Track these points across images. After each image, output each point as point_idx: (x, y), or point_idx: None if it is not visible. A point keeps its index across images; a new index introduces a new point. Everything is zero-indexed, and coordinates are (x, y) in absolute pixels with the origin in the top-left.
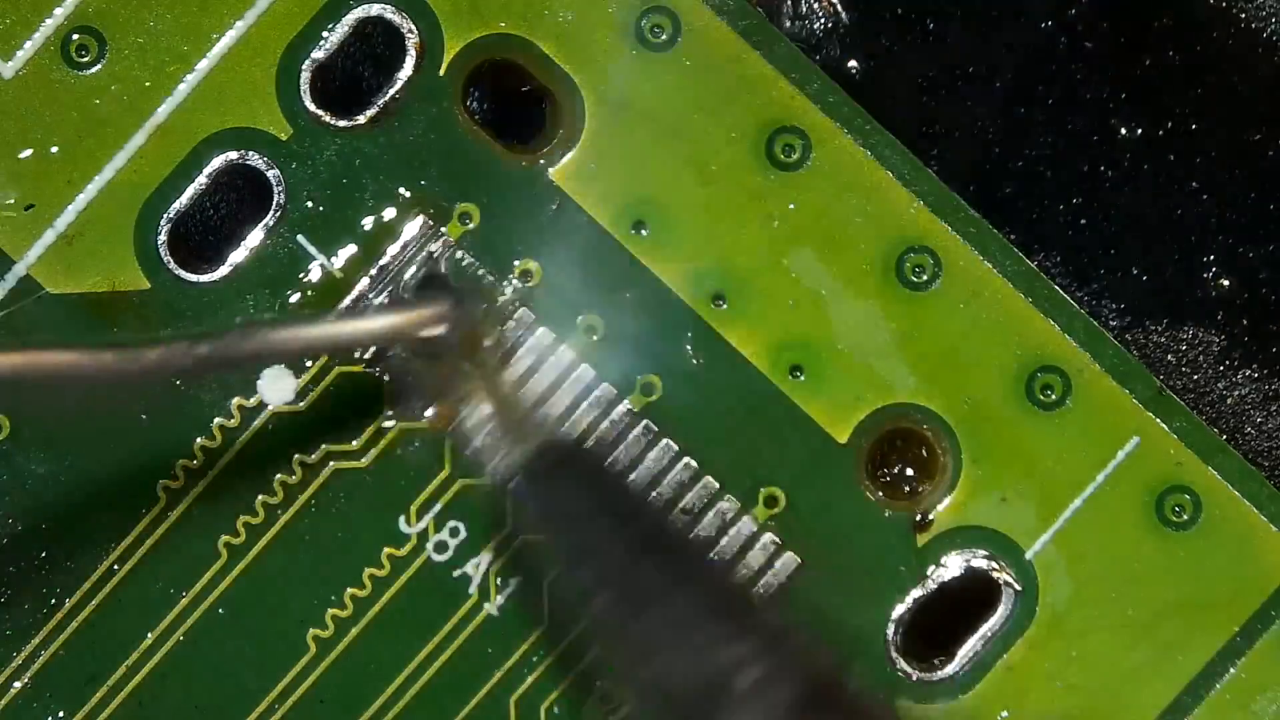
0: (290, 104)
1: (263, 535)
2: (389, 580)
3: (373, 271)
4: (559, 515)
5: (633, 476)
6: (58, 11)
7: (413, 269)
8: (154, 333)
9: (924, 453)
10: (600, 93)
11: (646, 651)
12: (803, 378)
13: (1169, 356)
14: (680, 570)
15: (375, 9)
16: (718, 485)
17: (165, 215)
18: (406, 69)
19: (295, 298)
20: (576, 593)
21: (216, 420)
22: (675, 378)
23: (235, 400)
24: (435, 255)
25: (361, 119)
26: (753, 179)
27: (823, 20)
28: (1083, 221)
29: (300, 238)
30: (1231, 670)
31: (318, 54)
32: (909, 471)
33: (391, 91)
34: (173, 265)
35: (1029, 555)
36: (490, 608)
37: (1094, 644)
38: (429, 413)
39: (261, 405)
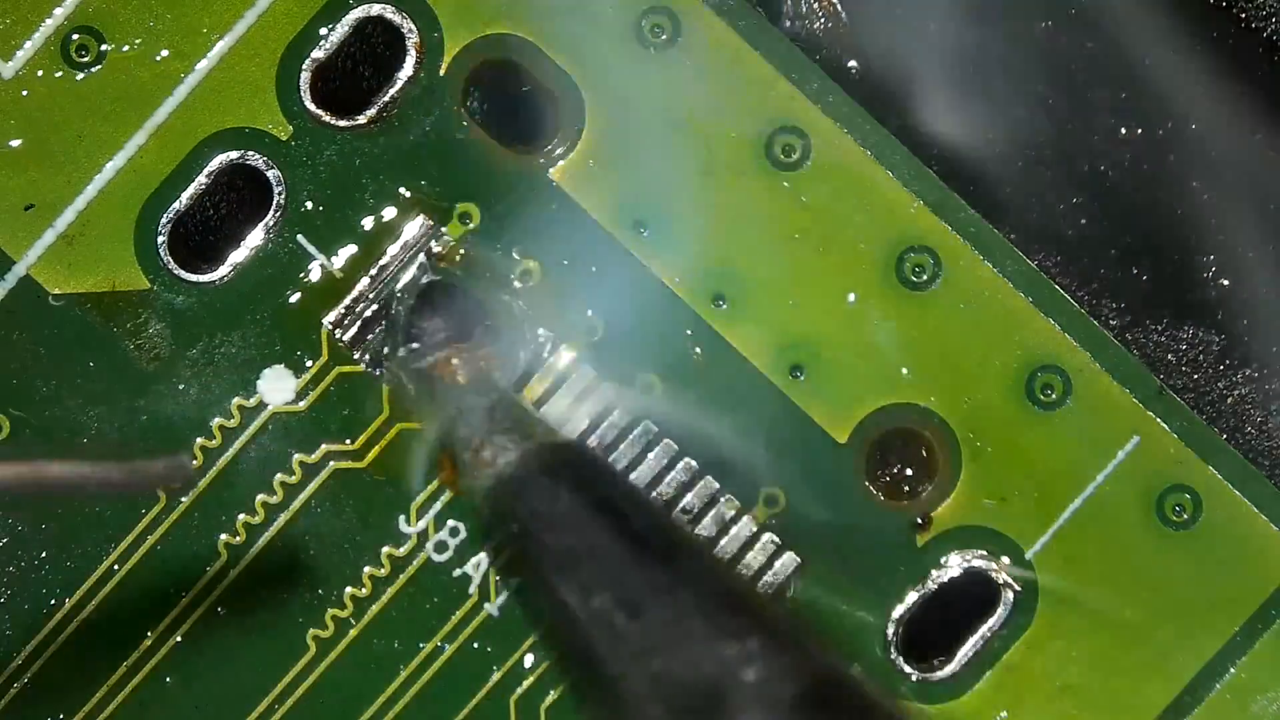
0: (290, 104)
1: (263, 535)
2: (389, 580)
3: (373, 271)
4: (554, 517)
5: (633, 476)
6: (58, 11)
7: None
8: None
9: (924, 453)
10: (600, 93)
11: (647, 651)
12: (803, 378)
13: (1169, 356)
14: (680, 568)
15: (375, 9)
16: (717, 485)
17: (165, 215)
18: (406, 69)
19: (295, 298)
20: (572, 598)
21: (216, 420)
22: (675, 378)
23: (235, 400)
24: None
25: (361, 119)
26: (753, 179)
27: (823, 20)
28: (1083, 221)
29: (300, 238)
30: (1231, 670)
31: (318, 54)
32: (909, 471)
33: (391, 91)
34: (173, 265)
35: (1029, 555)
36: (490, 608)
37: (1094, 644)
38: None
39: (261, 405)
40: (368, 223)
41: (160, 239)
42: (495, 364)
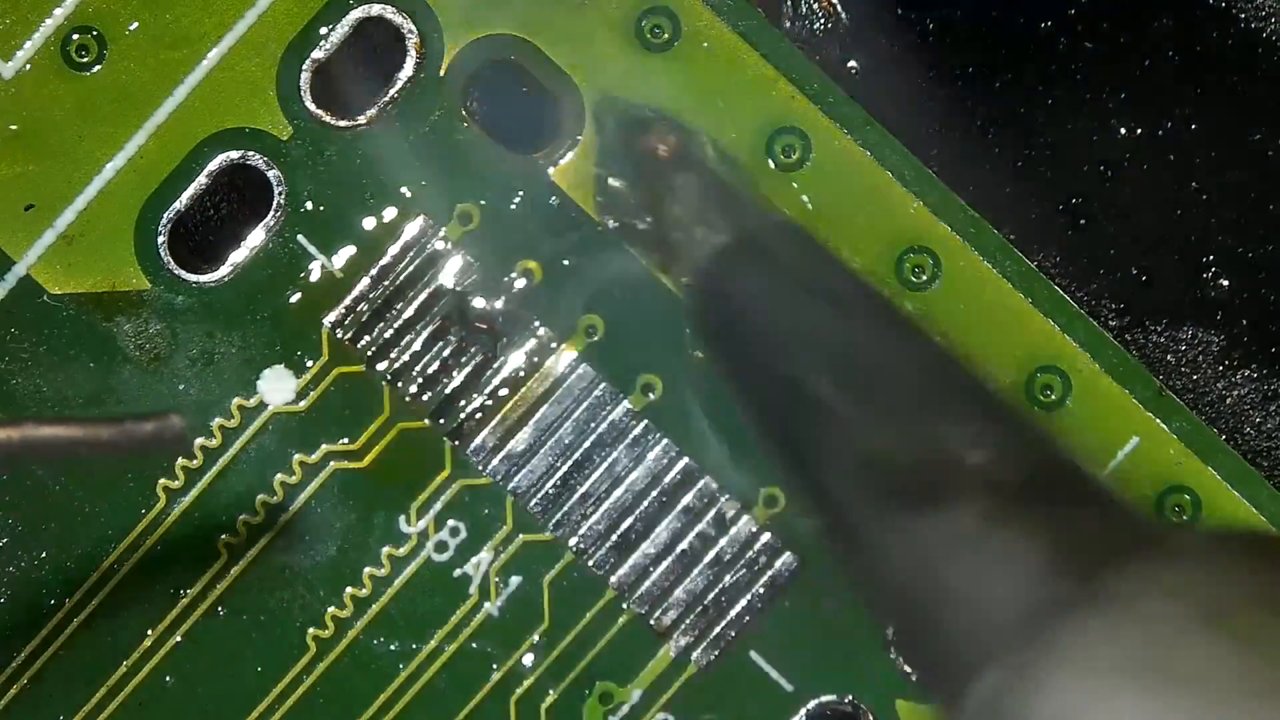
0: (290, 104)
1: (262, 535)
2: (389, 580)
3: (373, 271)
4: (772, 295)
5: (633, 476)
6: (58, 11)
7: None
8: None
9: None
10: (600, 92)
11: (869, 432)
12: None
13: (1169, 356)
14: (901, 348)
15: (375, 9)
16: (717, 485)
17: (165, 215)
18: (406, 69)
19: (295, 298)
20: (792, 375)
21: (216, 420)
22: (675, 378)
23: (235, 400)
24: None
25: (361, 119)
26: (752, 179)
27: (823, 20)
28: (1083, 221)
29: (300, 238)
30: None
31: (318, 54)
32: None
33: (392, 91)
34: (173, 265)
35: None
36: (490, 608)
37: None
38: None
39: (262, 405)
40: (368, 223)
41: (160, 239)
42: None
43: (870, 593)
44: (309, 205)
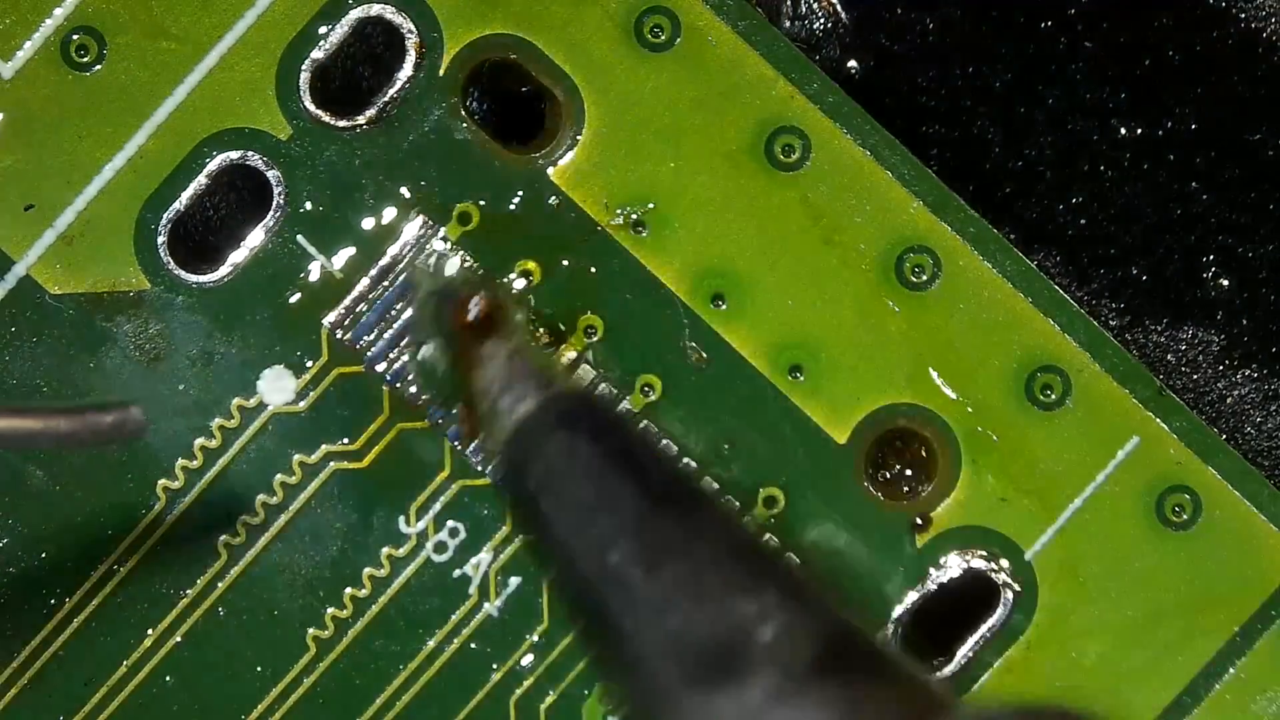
0: (290, 104)
1: (263, 535)
2: (389, 580)
3: (373, 271)
4: (570, 467)
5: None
6: (58, 11)
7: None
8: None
9: (923, 453)
10: (600, 93)
11: (662, 608)
12: (802, 378)
13: (1169, 356)
14: (695, 522)
15: (375, 9)
16: (717, 486)
17: (165, 215)
18: (406, 69)
19: (295, 298)
20: (587, 551)
21: (216, 420)
22: (675, 378)
23: (235, 400)
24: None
25: (361, 119)
26: (753, 179)
27: (823, 20)
28: (1083, 221)
29: (300, 238)
30: (1231, 670)
31: (318, 54)
32: (909, 471)
33: (391, 91)
34: (173, 265)
35: (1029, 555)
36: (490, 608)
37: (1094, 644)
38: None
39: (261, 405)
40: (368, 223)
41: (160, 239)
42: (513, 311)
43: None
44: (309, 205)
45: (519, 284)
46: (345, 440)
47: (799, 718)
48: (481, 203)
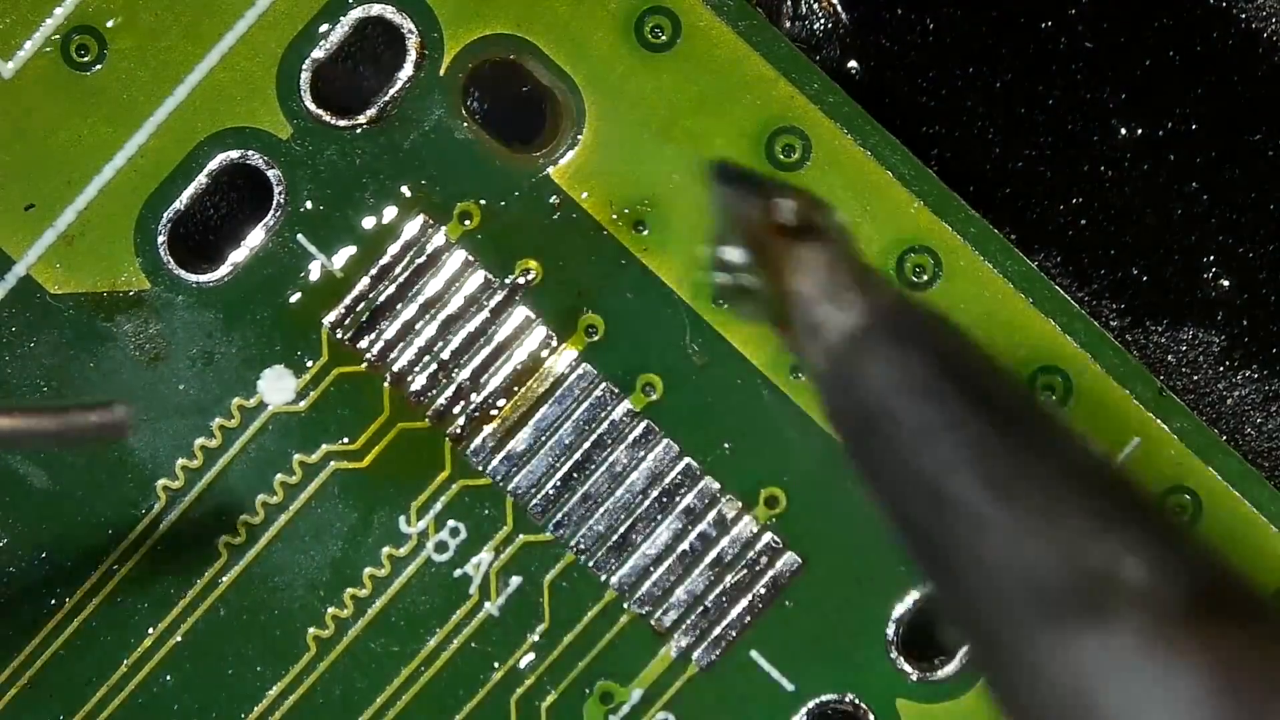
0: (290, 104)
1: (263, 535)
2: (389, 580)
3: (373, 271)
4: (901, 389)
5: (633, 476)
6: (58, 11)
7: None
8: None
9: None
10: (600, 93)
11: (1016, 538)
12: (803, 378)
13: (1169, 357)
14: (1046, 448)
15: (375, 9)
16: (718, 485)
17: (165, 215)
18: (406, 69)
19: (295, 298)
20: (930, 474)
21: (216, 420)
22: (675, 378)
23: (235, 400)
24: None
25: (361, 119)
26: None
27: (823, 20)
28: (1083, 221)
29: (300, 238)
30: None
31: (318, 54)
32: None
33: (392, 91)
34: (173, 265)
35: None
36: (490, 608)
37: None
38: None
39: (261, 405)
40: (368, 223)
41: (160, 239)
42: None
43: (1017, 714)
44: (309, 205)
45: (519, 283)
46: (345, 440)
47: (1174, 667)
48: (482, 202)
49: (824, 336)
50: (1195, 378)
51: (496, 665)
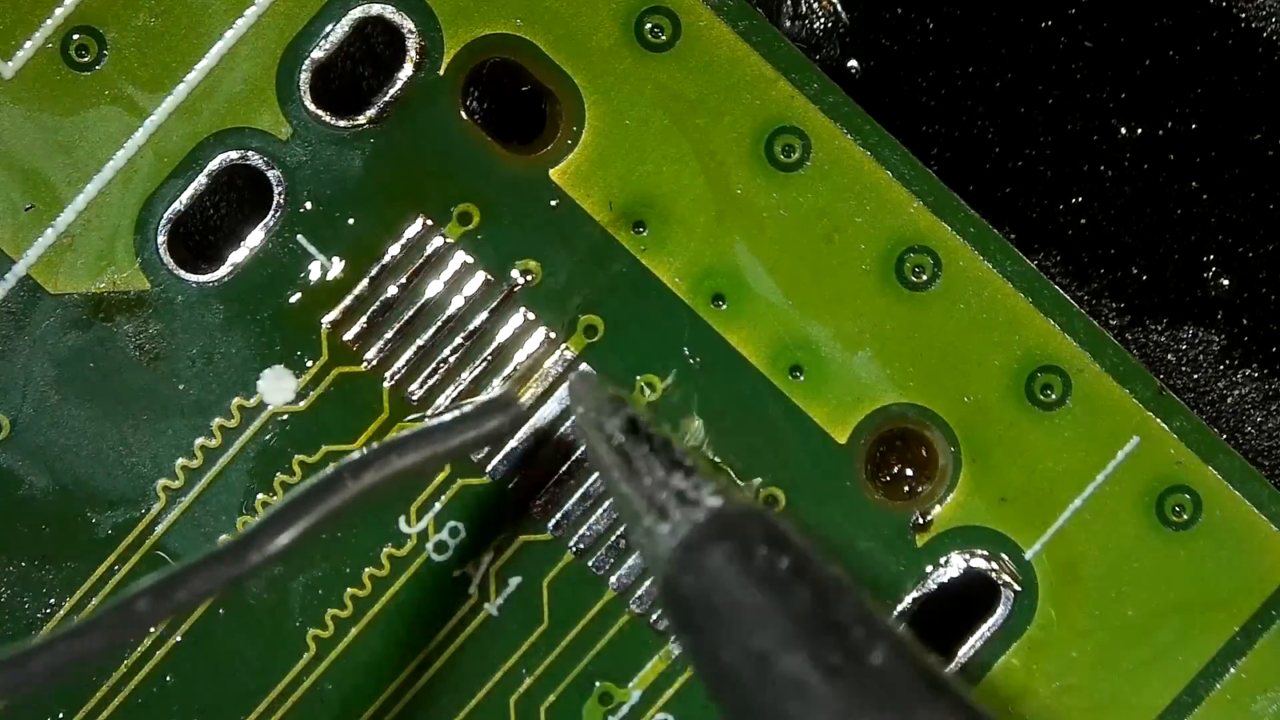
0: (290, 104)
1: None
2: (389, 580)
3: (373, 272)
4: (735, 578)
5: None
6: (58, 11)
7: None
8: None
9: (923, 452)
10: (600, 93)
11: (842, 715)
12: (803, 378)
13: (1169, 356)
14: (868, 632)
15: (375, 9)
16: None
17: (165, 215)
18: (406, 69)
19: (295, 298)
20: (756, 658)
21: (216, 420)
22: (676, 377)
23: (235, 400)
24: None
25: (361, 119)
26: (753, 179)
27: (823, 20)
28: (1083, 221)
29: (300, 238)
30: (1231, 670)
31: (318, 54)
32: (909, 471)
33: (391, 91)
34: (173, 265)
35: (1029, 555)
36: (490, 608)
37: (1094, 644)
38: None
39: (262, 405)
40: (368, 223)
41: (160, 239)
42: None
43: None
44: (309, 205)
45: (519, 283)
46: (345, 440)
47: None
48: (481, 203)
49: (663, 534)
50: (1195, 377)
51: (496, 666)
